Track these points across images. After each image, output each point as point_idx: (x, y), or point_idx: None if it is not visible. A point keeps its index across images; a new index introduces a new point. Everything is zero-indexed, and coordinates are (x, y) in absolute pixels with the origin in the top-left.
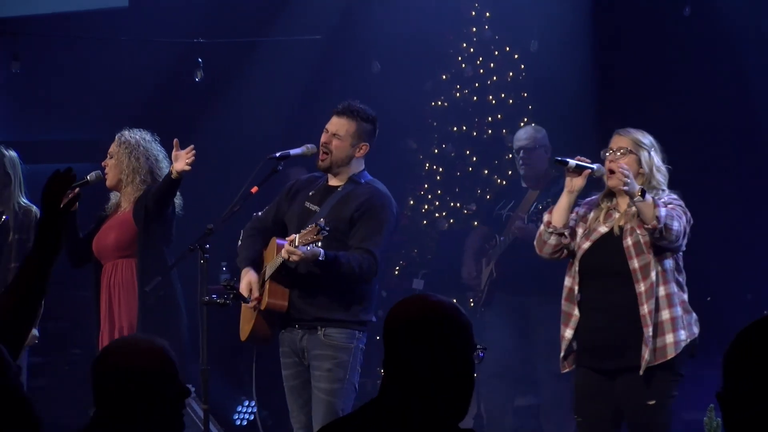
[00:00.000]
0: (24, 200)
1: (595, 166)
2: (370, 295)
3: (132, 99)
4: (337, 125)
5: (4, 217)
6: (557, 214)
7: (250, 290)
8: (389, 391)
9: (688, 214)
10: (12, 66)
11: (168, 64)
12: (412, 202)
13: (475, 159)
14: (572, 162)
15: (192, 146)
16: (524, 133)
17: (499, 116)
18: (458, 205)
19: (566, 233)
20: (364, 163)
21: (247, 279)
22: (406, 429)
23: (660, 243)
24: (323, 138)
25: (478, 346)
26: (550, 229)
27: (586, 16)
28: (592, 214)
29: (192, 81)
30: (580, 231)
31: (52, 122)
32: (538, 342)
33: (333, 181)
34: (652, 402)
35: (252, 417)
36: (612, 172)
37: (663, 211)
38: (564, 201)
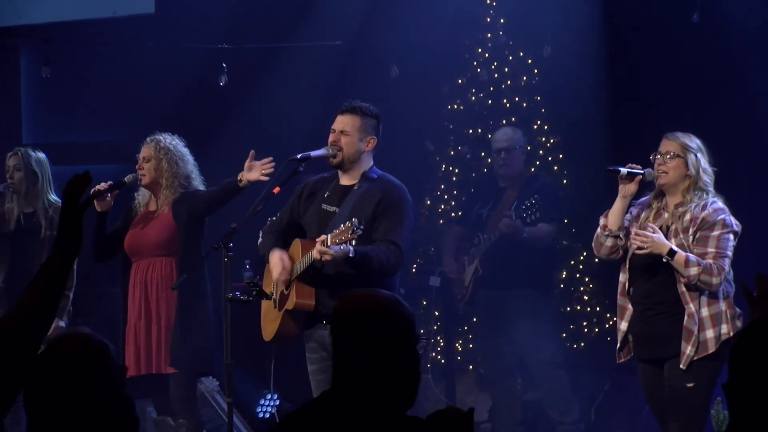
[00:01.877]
0: (53, 197)
1: (645, 171)
2: (392, 286)
3: (158, 102)
4: (343, 123)
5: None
6: (612, 218)
7: (283, 263)
8: (340, 384)
9: (733, 224)
10: (42, 71)
11: (193, 69)
12: (429, 202)
13: (489, 161)
14: (623, 170)
15: (271, 158)
16: (503, 135)
17: (513, 119)
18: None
19: (621, 235)
20: (374, 161)
21: (278, 254)
22: (357, 421)
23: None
24: (331, 138)
25: (422, 337)
26: (606, 232)
27: (598, 22)
28: (643, 214)
29: (216, 85)
30: (633, 230)
31: (80, 125)
32: (523, 334)
33: (345, 180)
34: (691, 384)
35: (274, 410)
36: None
37: (693, 271)
38: (618, 205)
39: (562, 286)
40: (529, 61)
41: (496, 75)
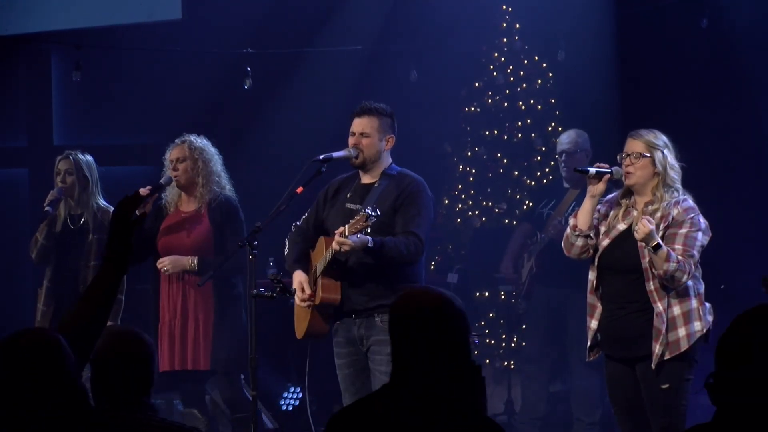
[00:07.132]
0: (102, 202)
1: (612, 169)
2: (418, 276)
3: (185, 106)
4: (362, 125)
5: (47, 208)
6: (582, 218)
7: (302, 288)
8: (402, 377)
9: (701, 224)
10: (73, 75)
11: (219, 73)
12: (447, 202)
13: (505, 161)
14: (592, 170)
15: None
16: (567, 137)
17: (528, 121)
18: (490, 204)
19: (591, 234)
20: (394, 162)
21: (298, 279)
22: (423, 409)
23: (667, 285)
24: (351, 141)
25: (473, 333)
26: (577, 233)
27: (610, 28)
28: (612, 212)
29: (241, 88)
30: (602, 229)
31: (109, 128)
32: (571, 332)
33: (367, 179)
34: (666, 386)
35: (297, 403)
36: (628, 174)
37: (672, 266)
38: (587, 205)
39: None
40: (544, 65)
41: (511, 78)
